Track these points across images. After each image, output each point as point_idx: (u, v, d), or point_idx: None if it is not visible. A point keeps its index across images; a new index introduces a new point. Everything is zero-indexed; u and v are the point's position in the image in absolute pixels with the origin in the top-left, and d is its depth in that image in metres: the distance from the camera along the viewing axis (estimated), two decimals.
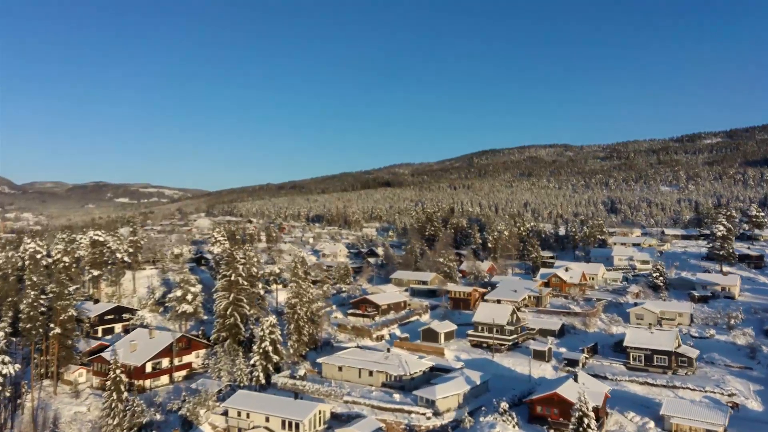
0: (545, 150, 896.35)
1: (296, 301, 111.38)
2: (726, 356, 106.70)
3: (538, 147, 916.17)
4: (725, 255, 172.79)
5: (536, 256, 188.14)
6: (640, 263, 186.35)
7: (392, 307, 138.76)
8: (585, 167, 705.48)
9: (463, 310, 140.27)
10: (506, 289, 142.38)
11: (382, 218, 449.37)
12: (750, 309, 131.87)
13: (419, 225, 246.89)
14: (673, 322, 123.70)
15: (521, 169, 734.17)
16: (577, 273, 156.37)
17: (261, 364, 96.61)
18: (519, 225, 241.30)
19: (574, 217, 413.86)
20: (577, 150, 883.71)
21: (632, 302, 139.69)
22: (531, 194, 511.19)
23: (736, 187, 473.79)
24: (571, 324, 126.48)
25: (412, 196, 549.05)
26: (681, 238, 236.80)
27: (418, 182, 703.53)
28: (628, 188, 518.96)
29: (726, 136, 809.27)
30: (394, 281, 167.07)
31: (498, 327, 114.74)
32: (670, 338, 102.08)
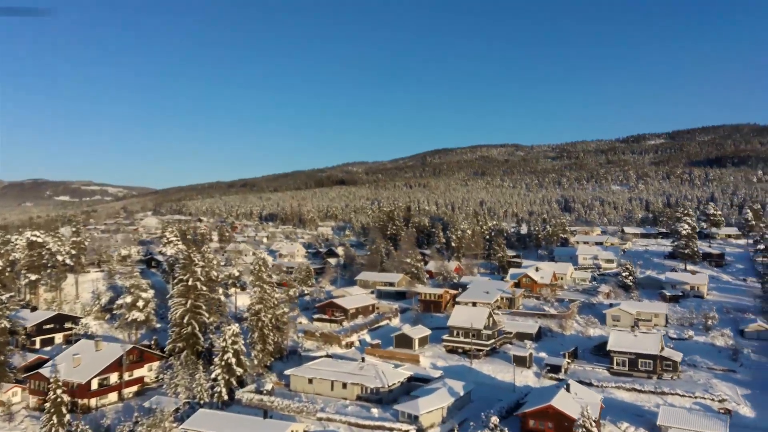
0: (497, 149, 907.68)
1: (260, 307, 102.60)
2: (707, 358, 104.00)
3: (489, 146, 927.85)
4: (690, 254, 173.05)
5: (502, 255, 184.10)
6: (605, 262, 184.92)
7: (361, 311, 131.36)
8: (537, 167, 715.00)
9: (435, 313, 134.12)
10: (478, 290, 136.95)
11: (337, 217, 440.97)
12: (722, 308, 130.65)
13: (380, 224, 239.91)
14: (650, 323, 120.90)
15: (475, 168, 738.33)
16: (548, 273, 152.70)
17: (223, 378, 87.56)
18: (482, 224, 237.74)
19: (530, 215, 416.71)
20: (528, 150, 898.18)
21: (604, 303, 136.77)
22: (486, 193, 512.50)
23: (683, 187, 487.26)
24: (547, 326, 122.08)
25: (367, 195, 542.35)
26: (641, 236, 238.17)
27: (373, 181, 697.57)
28: (580, 187, 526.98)
29: (669, 138, 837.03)
30: (360, 283, 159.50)
31: (474, 331, 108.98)
32: (654, 341, 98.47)
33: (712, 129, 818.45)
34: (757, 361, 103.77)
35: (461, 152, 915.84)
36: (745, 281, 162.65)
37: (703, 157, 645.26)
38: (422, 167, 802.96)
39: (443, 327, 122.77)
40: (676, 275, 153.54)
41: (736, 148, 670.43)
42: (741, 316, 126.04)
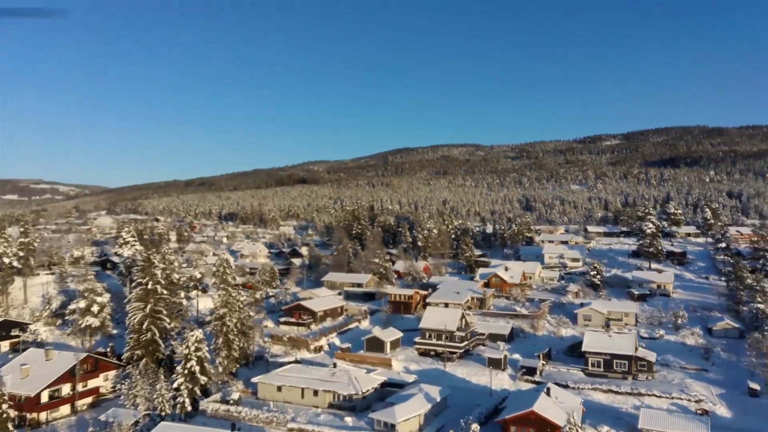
0: (457, 149, 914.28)
1: (225, 311, 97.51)
2: (680, 357, 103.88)
3: (450, 146, 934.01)
4: (654, 252, 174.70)
5: (470, 255, 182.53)
6: (571, 261, 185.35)
7: (329, 314, 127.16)
8: (498, 166, 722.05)
9: (405, 315, 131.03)
10: (448, 291, 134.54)
11: (299, 216, 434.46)
12: (689, 307, 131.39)
13: (345, 223, 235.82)
14: (620, 322, 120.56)
15: (436, 167, 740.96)
16: (517, 272, 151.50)
17: (186, 387, 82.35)
18: (447, 223, 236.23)
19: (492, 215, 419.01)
20: (488, 150, 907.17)
21: (575, 302, 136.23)
22: (449, 192, 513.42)
23: (640, 186, 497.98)
24: (519, 327, 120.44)
25: (330, 194, 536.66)
26: (603, 235, 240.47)
27: (335, 180, 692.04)
28: (541, 187, 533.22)
29: (624, 138, 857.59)
30: (327, 284, 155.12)
31: (448, 333, 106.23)
32: (629, 342, 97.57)
33: (664, 130, 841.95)
34: (728, 359, 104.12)
35: (423, 152, 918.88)
36: (708, 279, 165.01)
37: (657, 158, 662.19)
38: (384, 166, 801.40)
39: (414, 329, 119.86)
40: (642, 274, 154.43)
41: (688, 149, 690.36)
42: (708, 315, 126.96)
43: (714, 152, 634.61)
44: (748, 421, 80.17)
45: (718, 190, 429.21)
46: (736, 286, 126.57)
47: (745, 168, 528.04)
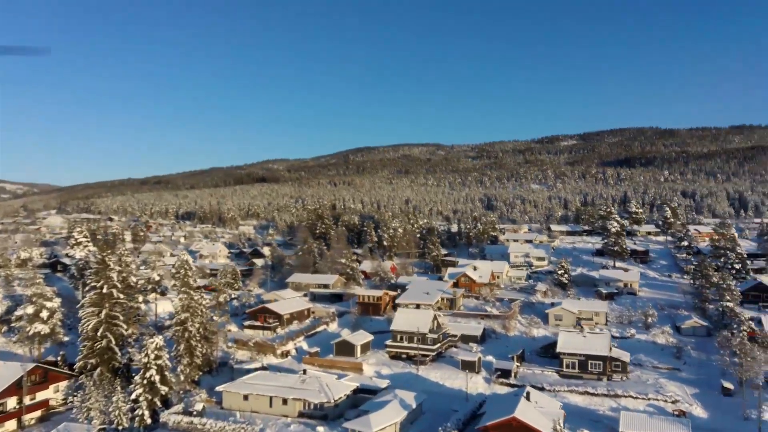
0: (418, 149, 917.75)
1: (187, 315, 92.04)
2: (652, 357, 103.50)
3: (411, 146, 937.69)
4: (619, 251, 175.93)
5: (437, 254, 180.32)
6: (536, 260, 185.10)
7: (295, 316, 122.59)
8: (459, 166, 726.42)
9: (374, 316, 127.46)
10: (418, 291, 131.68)
11: (260, 216, 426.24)
12: (656, 305, 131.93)
13: (309, 223, 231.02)
14: (591, 322, 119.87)
15: (398, 166, 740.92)
16: (486, 272, 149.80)
17: (146, 398, 76.87)
18: (413, 222, 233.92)
19: (454, 213, 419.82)
20: (449, 149, 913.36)
21: (545, 302, 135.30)
22: (411, 191, 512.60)
23: (598, 186, 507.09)
24: (491, 328, 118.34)
25: (291, 193, 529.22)
26: (567, 234, 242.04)
27: (296, 178, 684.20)
28: (501, 186, 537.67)
29: (580, 139, 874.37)
30: (292, 285, 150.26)
31: (419, 335, 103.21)
32: (603, 342, 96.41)
33: (619, 131, 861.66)
34: (698, 358, 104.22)
35: (384, 151, 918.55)
36: (671, 277, 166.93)
37: (613, 158, 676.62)
38: (345, 165, 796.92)
39: (384, 331, 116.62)
40: (609, 272, 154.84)
41: (643, 149, 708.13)
42: (675, 313, 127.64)
43: (667, 153, 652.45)
44: (725, 421, 79.72)
45: (672, 189, 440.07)
46: (702, 284, 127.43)
47: (697, 168, 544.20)
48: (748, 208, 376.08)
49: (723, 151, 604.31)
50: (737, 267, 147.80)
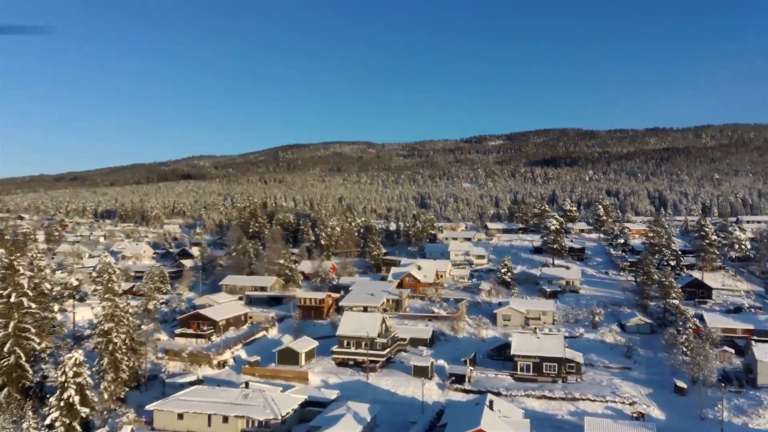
0: (349, 147, 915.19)
1: (111, 325, 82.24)
2: (602, 357, 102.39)
3: (342, 143, 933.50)
4: (558, 248, 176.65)
5: (378, 253, 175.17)
6: (476, 258, 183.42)
7: (232, 322, 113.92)
8: (391, 164, 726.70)
9: (316, 320, 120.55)
10: (362, 292, 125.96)
11: (186, 214, 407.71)
12: (600, 303, 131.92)
13: (242, 221, 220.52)
14: (539, 321, 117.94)
15: (330, 164, 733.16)
16: (430, 271, 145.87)
17: (63, 422, 67.19)
18: (350, 220, 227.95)
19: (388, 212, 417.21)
20: (380, 148, 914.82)
21: (492, 302, 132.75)
22: (345, 189, 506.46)
23: (527, 184, 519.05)
24: (439, 330, 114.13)
25: (219, 190, 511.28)
26: (503, 231, 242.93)
27: (223, 175, 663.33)
28: (434, 184, 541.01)
29: (507, 139, 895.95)
30: (226, 288, 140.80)
31: (368, 340, 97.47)
32: (558, 343, 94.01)
33: (543, 132, 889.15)
34: (646, 356, 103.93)
35: (314, 148, 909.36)
36: (608, 274, 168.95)
37: (539, 158, 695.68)
38: (276, 162, 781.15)
39: (328, 336, 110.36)
40: (551, 270, 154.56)
41: (567, 149, 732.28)
42: (618, 310, 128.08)
43: (590, 153, 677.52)
44: (682, 422, 78.56)
45: (598, 188, 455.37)
46: (643, 281, 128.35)
47: (619, 168, 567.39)
48: (668, 207, 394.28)
49: (641, 152, 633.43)
50: (672, 264, 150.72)
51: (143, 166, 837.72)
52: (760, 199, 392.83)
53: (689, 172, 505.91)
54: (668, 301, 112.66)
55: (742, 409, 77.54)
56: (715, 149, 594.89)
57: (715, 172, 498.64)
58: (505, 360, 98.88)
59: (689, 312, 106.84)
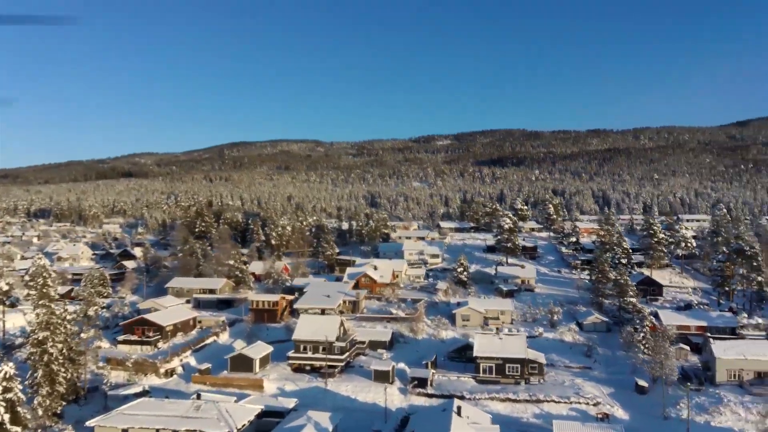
0: (297, 145, 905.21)
1: (46, 334, 75.35)
2: (563, 356, 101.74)
3: (289, 141, 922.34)
4: (512, 247, 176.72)
5: (331, 253, 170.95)
6: (431, 257, 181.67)
7: (180, 327, 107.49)
8: (340, 163, 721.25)
9: (270, 324, 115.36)
10: (317, 294, 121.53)
11: (127, 213, 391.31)
12: (556, 302, 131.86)
13: (187, 220, 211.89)
14: (498, 321, 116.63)
15: (277, 162, 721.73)
16: (387, 271, 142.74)
17: None
18: (302, 219, 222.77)
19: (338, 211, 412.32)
20: (329, 146, 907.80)
21: (450, 301, 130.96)
22: (294, 188, 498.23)
23: (475, 183, 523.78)
24: (398, 331, 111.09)
25: (161, 188, 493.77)
26: (455, 230, 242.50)
27: (167, 173, 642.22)
28: (384, 183, 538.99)
29: (455, 139, 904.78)
30: (172, 291, 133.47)
31: (326, 344, 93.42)
32: (520, 344, 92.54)
33: (489, 132, 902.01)
34: (605, 355, 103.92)
35: (261, 146, 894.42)
36: (560, 272, 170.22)
37: (487, 158, 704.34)
38: (221, 160, 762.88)
39: (283, 340, 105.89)
40: (506, 269, 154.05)
41: (513, 150, 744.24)
42: (574, 309, 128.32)
43: (535, 153, 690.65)
44: (645, 422, 78.12)
45: (544, 188, 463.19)
46: (598, 279, 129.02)
47: (564, 168, 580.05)
48: (611, 206, 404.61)
49: (584, 152, 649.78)
50: (624, 262, 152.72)
51: (81, 163, 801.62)
52: (696, 198, 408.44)
53: (630, 173, 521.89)
54: (625, 299, 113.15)
55: (703, 407, 77.70)
56: (654, 150, 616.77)
57: (655, 172, 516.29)
58: (467, 361, 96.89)
59: (645, 310, 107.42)
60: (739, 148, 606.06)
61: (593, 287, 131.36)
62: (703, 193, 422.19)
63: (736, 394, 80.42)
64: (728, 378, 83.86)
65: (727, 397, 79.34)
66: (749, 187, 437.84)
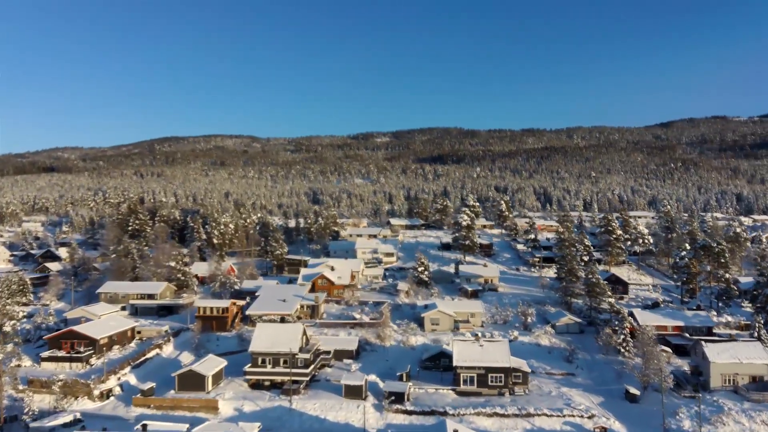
0: (232, 140, 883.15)
1: None
2: (543, 362, 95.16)
3: (224, 137, 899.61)
4: (470, 245, 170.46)
5: (281, 253, 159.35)
6: (385, 256, 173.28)
7: (116, 340, 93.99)
8: (278, 158, 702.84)
9: (220, 332, 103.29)
10: (271, 298, 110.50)
11: (50, 210, 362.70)
12: (522, 301, 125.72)
13: (119, 218, 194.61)
14: (468, 324, 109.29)
15: (212, 157, 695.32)
16: (345, 272, 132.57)
17: None
18: (245, 216, 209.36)
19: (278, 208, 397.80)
20: (265, 142, 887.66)
21: (409, 302, 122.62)
22: (231, 184, 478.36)
23: (417, 180, 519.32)
24: (364, 338, 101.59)
25: (88, 184, 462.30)
26: (407, 227, 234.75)
27: (93, 168, 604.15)
28: (326, 180, 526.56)
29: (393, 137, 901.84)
30: (105, 297, 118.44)
31: (288, 357, 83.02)
32: (503, 351, 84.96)
33: (427, 130, 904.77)
34: (584, 359, 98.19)
35: (194, 141, 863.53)
36: (519, 270, 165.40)
37: (427, 155, 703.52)
38: (152, 155, 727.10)
39: (237, 351, 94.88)
40: (468, 268, 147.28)
41: (452, 147, 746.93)
42: (543, 309, 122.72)
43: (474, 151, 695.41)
44: None
45: (486, 185, 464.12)
46: (567, 278, 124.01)
47: (503, 166, 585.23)
48: (553, 203, 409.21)
49: (522, 150, 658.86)
50: (585, 259, 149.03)
51: None
52: (633, 195, 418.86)
53: (568, 170, 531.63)
54: (599, 299, 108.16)
55: (704, 416, 72.39)
56: (588, 149, 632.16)
57: (590, 170, 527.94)
58: (444, 370, 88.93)
59: (624, 310, 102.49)
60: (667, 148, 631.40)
61: (562, 286, 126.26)
62: (639, 191, 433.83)
63: (734, 401, 75.69)
64: (723, 383, 79.32)
65: (727, 405, 74.45)
66: (681, 185, 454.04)
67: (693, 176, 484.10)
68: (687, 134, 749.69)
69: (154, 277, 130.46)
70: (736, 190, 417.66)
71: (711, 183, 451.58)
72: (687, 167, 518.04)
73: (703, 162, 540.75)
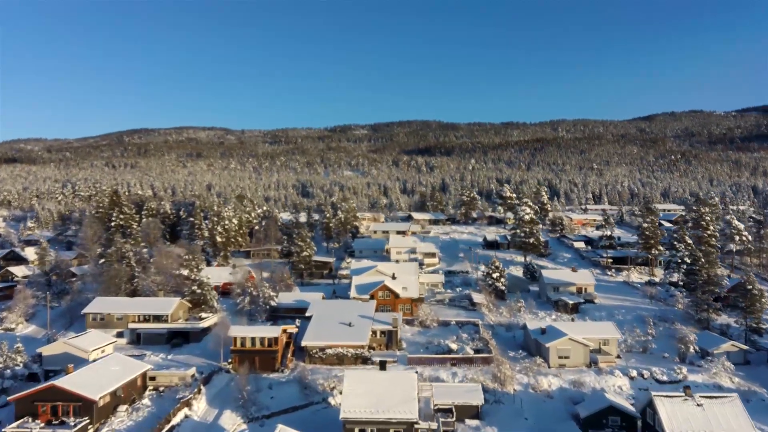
0: (204, 132, 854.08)
1: None
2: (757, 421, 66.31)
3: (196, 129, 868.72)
4: (535, 243, 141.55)
5: (308, 254, 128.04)
6: (426, 257, 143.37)
7: (121, 396, 61.74)
8: (257, 150, 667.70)
9: (265, 374, 71.35)
10: (328, 321, 79.33)
11: (12, 204, 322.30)
12: (640, 319, 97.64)
13: (101, 212, 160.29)
14: (606, 358, 79.59)
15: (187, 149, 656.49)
16: (410, 281, 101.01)
17: None
18: (249, 210, 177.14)
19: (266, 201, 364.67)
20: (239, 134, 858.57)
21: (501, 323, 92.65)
22: (212, 176, 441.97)
23: (411, 173, 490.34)
24: (481, 383, 71.07)
25: (55, 176, 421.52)
26: (430, 222, 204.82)
27: (60, 160, 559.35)
28: (313, 172, 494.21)
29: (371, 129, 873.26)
30: (94, 320, 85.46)
31: (403, 427, 52.59)
32: (737, 416, 55.69)
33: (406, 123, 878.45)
34: None
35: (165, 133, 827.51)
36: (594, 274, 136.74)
37: (413, 147, 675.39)
38: (122, 147, 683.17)
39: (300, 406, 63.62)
40: (553, 273, 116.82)
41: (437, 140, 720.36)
42: (673, 329, 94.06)
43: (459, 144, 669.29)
44: None
45: (487, 177, 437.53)
46: (705, 287, 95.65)
47: (496, 158, 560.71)
48: (560, 196, 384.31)
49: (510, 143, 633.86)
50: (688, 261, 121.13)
51: None
52: (644, 188, 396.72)
53: (567, 162, 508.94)
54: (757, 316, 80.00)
55: None
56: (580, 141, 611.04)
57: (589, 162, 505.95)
58: None
59: None
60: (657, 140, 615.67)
61: (696, 299, 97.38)
62: (648, 183, 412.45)
63: None
64: None
65: None
66: (690, 177, 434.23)
67: (697, 168, 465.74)
68: (671, 127, 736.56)
69: (158, 290, 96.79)
70: (749, 183, 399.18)
71: (722, 176, 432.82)
72: (688, 160, 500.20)
73: (702, 154, 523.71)
